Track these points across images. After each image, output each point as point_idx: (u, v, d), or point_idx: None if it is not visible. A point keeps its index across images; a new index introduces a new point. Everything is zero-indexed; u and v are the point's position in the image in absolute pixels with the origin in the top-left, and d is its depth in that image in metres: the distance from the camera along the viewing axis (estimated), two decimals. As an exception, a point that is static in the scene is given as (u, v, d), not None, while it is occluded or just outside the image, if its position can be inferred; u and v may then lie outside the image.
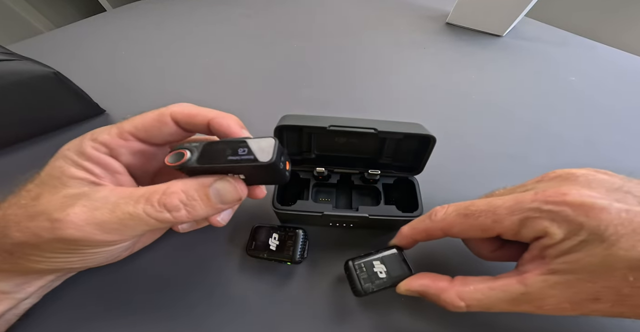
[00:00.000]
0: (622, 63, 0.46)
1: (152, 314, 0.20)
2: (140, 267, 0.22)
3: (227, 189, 0.16)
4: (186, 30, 0.53)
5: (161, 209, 0.14)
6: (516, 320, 0.20)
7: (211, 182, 0.15)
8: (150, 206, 0.14)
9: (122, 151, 0.17)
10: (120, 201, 0.14)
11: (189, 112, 0.17)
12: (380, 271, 0.20)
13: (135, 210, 0.14)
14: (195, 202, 0.15)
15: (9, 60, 0.28)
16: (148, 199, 0.14)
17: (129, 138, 0.17)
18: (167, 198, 0.14)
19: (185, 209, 0.15)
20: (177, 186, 0.15)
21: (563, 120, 0.36)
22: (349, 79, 0.42)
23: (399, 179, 0.24)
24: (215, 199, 0.15)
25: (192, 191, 0.15)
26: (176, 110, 0.17)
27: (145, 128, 0.17)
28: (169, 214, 0.15)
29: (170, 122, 0.17)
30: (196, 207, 0.15)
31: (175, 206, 0.15)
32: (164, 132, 0.17)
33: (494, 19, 0.50)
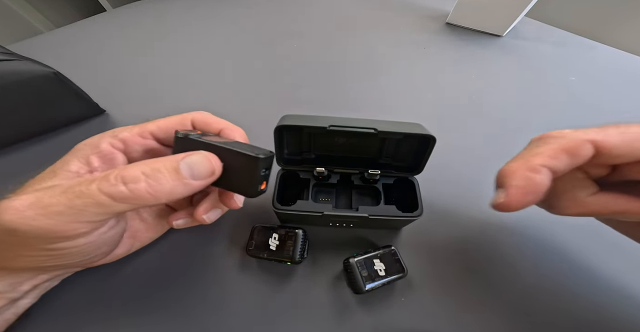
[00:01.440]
0: (622, 63, 0.46)
1: (152, 314, 0.20)
2: (139, 267, 0.22)
3: (199, 161, 0.14)
4: (186, 30, 0.53)
5: (115, 182, 0.12)
6: (517, 320, 0.20)
7: (182, 157, 0.14)
8: (105, 181, 0.12)
9: (137, 148, 0.17)
10: (75, 182, 0.13)
11: (206, 120, 0.19)
12: (380, 268, 0.20)
13: (88, 187, 0.12)
14: (161, 174, 0.13)
15: (9, 60, 0.28)
16: (106, 175, 0.13)
17: (148, 136, 0.18)
18: (126, 170, 0.13)
19: (146, 181, 0.13)
20: (142, 162, 0.14)
21: (563, 120, 0.36)
22: (349, 79, 0.42)
23: (399, 179, 0.24)
24: (185, 172, 0.14)
25: (159, 164, 0.14)
26: (196, 117, 0.19)
27: (167, 129, 0.18)
28: (124, 186, 0.12)
29: (190, 126, 0.19)
30: (161, 180, 0.13)
31: (134, 177, 0.13)
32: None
33: (494, 19, 0.50)
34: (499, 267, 0.23)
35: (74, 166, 0.15)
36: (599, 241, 0.24)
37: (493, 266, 0.23)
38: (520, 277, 0.22)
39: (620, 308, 0.21)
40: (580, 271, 0.22)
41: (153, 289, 0.21)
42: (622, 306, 0.21)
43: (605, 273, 0.22)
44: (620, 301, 0.21)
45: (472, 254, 0.24)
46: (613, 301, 0.21)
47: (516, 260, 0.23)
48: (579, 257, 0.23)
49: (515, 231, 0.25)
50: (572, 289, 0.22)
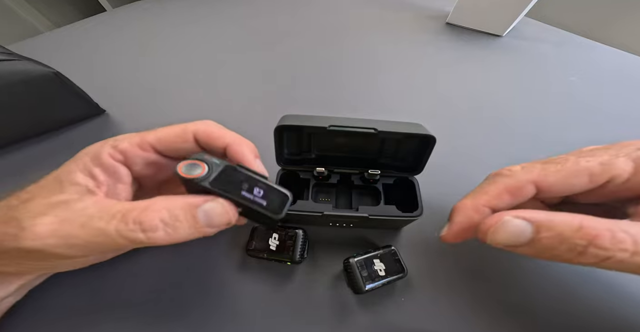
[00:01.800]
0: (622, 63, 0.46)
1: (151, 314, 0.20)
2: (138, 267, 0.22)
3: (218, 212, 0.14)
4: (186, 30, 0.53)
5: (134, 228, 0.13)
6: (517, 320, 0.20)
7: (201, 203, 0.14)
8: (123, 224, 0.13)
9: (138, 161, 0.17)
10: (96, 214, 0.13)
11: (210, 133, 0.17)
12: (380, 268, 0.20)
13: (107, 227, 0.13)
14: (179, 223, 0.13)
15: (9, 60, 0.28)
16: (125, 215, 0.13)
17: (148, 149, 0.17)
18: (146, 216, 0.13)
19: (164, 230, 0.13)
20: (160, 203, 0.14)
21: (563, 120, 0.36)
22: (349, 79, 0.42)
23: (399, 179, 0.24)
24: (202, 220, 0.14)
25: (178, 210, 0.13)
26: (199, 128, 0.17)
27: (167, 142, 0.17)
28: (143, 234, 0.13)
29: (192, 140, 0.17)
30: (179, 229, 0.13)
31: (153, 226, 0.13)
32: (182, 148, 0.17)
33: (494, 19, 0.50)
34: (499, 267, 0.23)
35: (80, 179, 0.14)
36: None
37: (493, 266, 0.23)
38: (520, 277, 0.22)
39: (621, 308, 0.21)
40: (582, 271, 0.22)
41: (152, 289, 0.21)
42: (624, 306, 0.21)
43: (607, 273, 0.22)
44: (622, 301, 0.21)
45: (472, 254, 0.24)
46: (614, 301, 0.21)
47: (516, 260, 0.23)
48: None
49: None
50: (572, 289, 0.22)
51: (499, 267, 0.23)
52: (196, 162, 0.14)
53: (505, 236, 0.14)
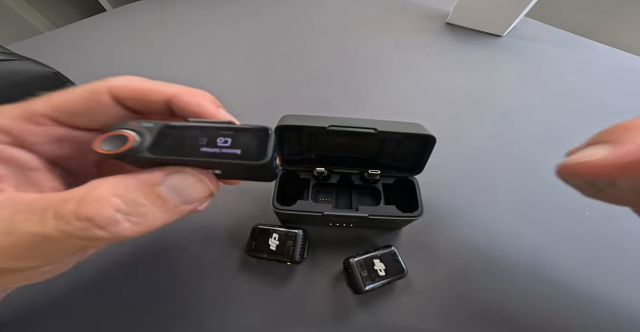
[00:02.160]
0: (622, 63, 0.46)
1: (151, 314, 0.20)
2: (138, 267, 0.22)
3: (188, 184, 0.11)
4: (186, 30, 0.53)
5: (85, 225, 0.09)
6: (516, 320, 0.20)
7: (161, 178, 0.11)
8: (64, 223, 0.09)
9: (37, 140, 0.12)
10: (17, 217, 0.09)
11: (139, 87, 0.12)
12: (380, 268, 0.20)
13: (43, 230, 0.09)
14: (144, 207, 0.10)
15: (9, 60, 0.28)
16: (57, 211, 0.09)
17: (46, 122, 0.12)
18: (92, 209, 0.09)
19: (128, 220, 0.10)
20: (103, 189, 0.10)
21: (563, 120, 0.36)
22: (349, 79, 0.42)
23: (399, 179, 0.24)
24: (174, 200, 0.11)
25: (134, 193, 0.10)
26: (118, 84, 0.12)
27: (70, 110, 0.12)
28: (101, 230, 0.09)
29: (108, 101, 0.12)
30: (147, 215, 0.10)
31: (109, 219, 0.09)
32: (100, 114, 0.13)
33: (494, 19, 0.50)
34: (499, 267, 0.23)
35: None
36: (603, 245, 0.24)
37: (493, 266, 0.23)
38: (520, 277, 0.22)
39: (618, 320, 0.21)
40: (583, 272, 0.22)
41: (152, 288, 0.21)
42: (621, 317, 0.21)
43: (607, 279, 0.22)
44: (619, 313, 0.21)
45: (472, 254, 0.24)
46: (611, 308, 0.21)
47: (516, 260, 0.23)
48: (581, 259, 0.23)
49: (516, 232, 0.25)
50: (572, 290, 0.22)
51: (499, 268, 0.23)
52: (117, 133, 0.11)
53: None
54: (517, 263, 0.23)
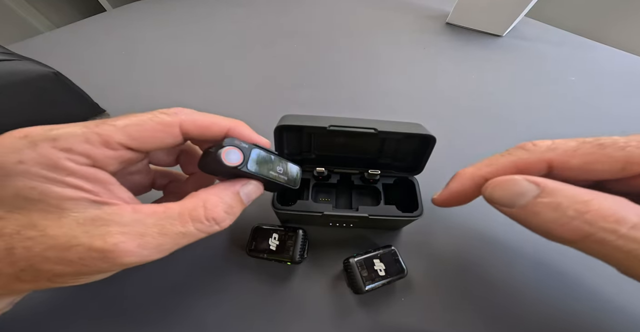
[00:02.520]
0: (622, 63, 0.46)
1: (151, 314, 0.20)
2: (138, 266, 0.22)
3: (253, 191, 0.17)
4: (186, 30, 0.53)
5: (212, 223, 0.15)
6: (516, 320, 0.20)
7: (239, 188, 0.16)
8: (199, 223, 0.15)
9: (110, 162, 0.14)
10: (163, 223, 0.14)
11: (202, 123, 0.16)
12: (380, 268, 0.20)
13: (187, 229, 0.14)
14: (235, 209, 0.16)
15: (9, 60, 0.28)
16: (193, 216, 0.14)
17: (118, 148, 0.14)
18: (213, 212, 0.15)
19: (229, 218, 0.16)
20: (214, 199, 0.15)
21: (563, 120, 0.36)
22: (349, 79, 0.42)
23: (399, 179, 0.24)
24: (246, 202, 0.16)
25: (229, 199, 0.15)
26: (186, 120, 0.15)
27: (143, 138, 0.14)
28: (218, 226, 0.15)
29: (178, 134, 0.15)
30: (236, 214, 0.16)
31: (223, 218, 0.15)
32: (164, 143, 0.15)
33: (494, 19, 0.50)
34: (499, 267, 0.23)
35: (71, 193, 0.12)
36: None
37: (493, 267, 0.23)
38: (520, 277, 0.22)
39: (620, 320, 0.21)
40: (583, 273, 0.22)
41: (152, 289, 0.21)
42: (623, 317, 0.21)
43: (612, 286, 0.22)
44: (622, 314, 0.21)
45: (472, 254, 0.24)
46: (615, 311, 0.21)
47: (516, 260, 0.23)
48: (581, 260, 0.23)
49: (516, 231, 0.25)
50: (572, 291, 0.22)
51: (499, 268, 0.23)
52: (234, 149, 0.15)
53: (503, 193, 0.14)
54: (517, 263, 0.23)
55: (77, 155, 0.13)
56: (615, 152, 0.13)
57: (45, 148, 0.13)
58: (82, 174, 0.13)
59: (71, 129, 0.13)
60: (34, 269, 0.12)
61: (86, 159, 0.13)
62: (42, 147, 0.13)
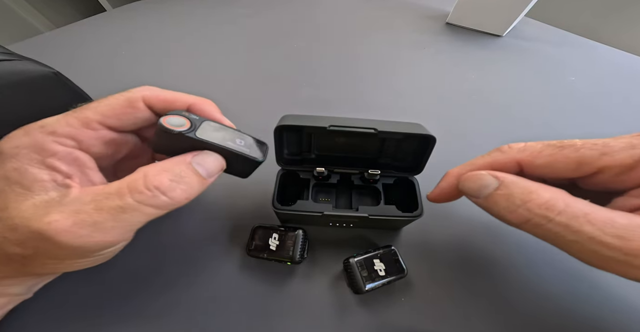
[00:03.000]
0: (622, 63, 0.46)
1: (151, 314, 0.20)
2: (138, 266, 0.22)
3: (209, 160, 0.15)
4: (186, 30, 0.53)
5: (155, 193, 0.13)
6: (516, 320, 0.20)
7: (190, 158, 0.15)
8: (138, 194, 0.13)
9: (93, 142, 0.15)
10: (99, 198, 0.13)
11: (165, 97, 0.16)
12: (380, 268, 0.20)
13: (125, 202, 0.13)
14: (187, 178, 0.14)
15: (9, 60, 0.27)
16: (131, 187, 0.13)
17: (98, 127, 0.15)
18: (155, 180, 0.13)
19: (179, 188, 0.14)
20: (155, 168, 0.14)
21: (563, 120, 0.36)
22: (349, 79, 0.42)
23: (399, 179, 0.24)
24: (202, 173, 0.15)
25: (177, 169, 0.14)
26: (148, 94, 0.16)
27: (115, 115, 0.15)
28: (165, 196, 0.14)
29: (143, 107, 0.16)
30: (191, 183, 0.14)
31: (168, 186, 0.14)
32: (137, 118, 0.16)
33: (494, 19, 0.50)
34: (500, 267, 0.23)
35: (42, 174, 0.13)
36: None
37: (493, 266, 0.23)
38: (520, 277, 0.22)
39: (622, 316, 0.21)
40: (584, 274, 0.22)
41: (152, 288, 0.21)
42: (624, 313, 0.21)
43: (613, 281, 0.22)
44: (623, 308, 0.21)
45: (473, 254, 0.24)
46: (616, 307, 0.21)
47: (517, 260, 0.23)
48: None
49: (516, 232, 0.25)
50: (573, 292, 0.22)
51: (499, 268, 0.23)
52: (179, 116, 0.14)
53: (472, 186, 0.16)
54: (518, 263, 0.23)
55: (62, 138, 0.14)
56: (570, 154, 0.15)
57: (35, 134, 0.14)
58: (63, 156, 0.14)
59: (55, 117, 0.15)
60: (3, 251, 0.13)
61: (71, 141, 0.14)
62: (33, 133, 0.14)
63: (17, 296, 0.16)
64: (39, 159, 0.13)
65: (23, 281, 0.16)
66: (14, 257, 0.13)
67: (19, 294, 0.16)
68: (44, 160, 0.14)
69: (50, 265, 0.14)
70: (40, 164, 0.13)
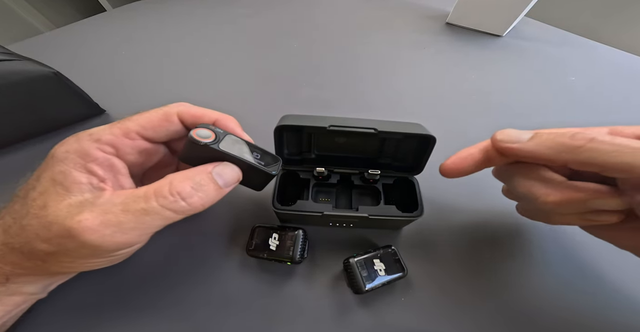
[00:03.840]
0: (622, 63, 0.46)
1: (151, 314, 0.20)
2: (139, 267, 0.22)
3: (227, 171, 0.17)
4: (186, 30, 0.53)
5: (176, 198, 0.15)
6: (517, 321, 0.20)
7: (212, 168, 0.16)
8: (162, 198, 0.14)
9: (129, 150, 0.17)
10: (128, 200, 0.14)
11: (195, 113, 0.18)
12: (380, 268, 0.20)
13: (149, 205, 0.14)
14: (206, 186, 0.16)
15: (9, 60, 0.28)
16: (157, 192, 0.15)
17: (136, 137, 0.17)
18: (178, 186, 0.15)
19: (197, 195, 0.15)
20: (180, 176, 0.15)
21: (563, 120, 0.36)
22: (349, 79, 0.42)
23: (399, 179, 0.24)
24: (220, 182, 0.16)
25: (198, 177, 0.16)
26: (182, 110, 0.18)
27: (152, 127, 0.17)
28: (184, 202, 0.15)
29: (177, 121, 0.18)
30: (207, 192, 0.16)
31: (188, 193, 0.15)
32: (170, 131, 0.18)
33: (494, 19, 0.50)
34: (499, 267, 0.23)
35: (82, 177, 0.15)
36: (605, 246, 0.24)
37: (493, 266, 0.23)
38: (520, 277, 0.22)
39: (625, 314, 0.21)
40: (584, 274, 0.22)
41: (152, 289, 0.21)
42: (628, 312, 0.21)
43: (613, 278, 0.22)
44: (627, 307, 0.21)
45: (472, 254, 0.24)
46: (618, 307, 0.21)
47: (516, 260, 0.23)
48: (582, 261, 0.23)
49: (516, 232, 0.25)
50: (573, 292, 0.22)
51: (499, 268, 0.23)
52: (206, 129, 0.16)
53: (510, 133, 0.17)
54: (518, 262, 0.23)
55: (104, 145, 0.16)
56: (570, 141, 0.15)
57: (84, 140, 0.16)
58: (102, 161, 0.16)
59: (103, 126, 0.17)
60: (30, 246, 0.14)
61: (111, 148, 0.16)
62: (82, 140, 0.16)
63: (32, 295, 0.17)
64: (82, 164, 0.15)
65: (39, 279, 0.17)
66: (38, 254, 0.14)
67: (34, 293, 0.17)
68: (85, 164, 0.15)
69: (66, 264, 0.15)
70: (82, 168, 0.15)
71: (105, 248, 0.14)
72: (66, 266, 0.15)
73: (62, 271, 0.16)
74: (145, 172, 0.21)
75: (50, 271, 0.16)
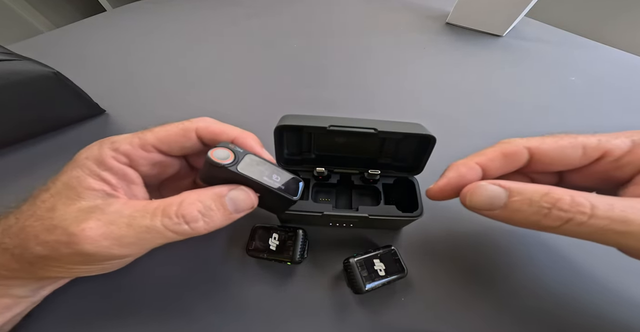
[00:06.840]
0: (622, 63, 0.46)
1: (151, 314, 0.20)
2: (139, 267, 0.22)
3: (242, 198, 0.16)
4: (186, 30, 0.53)
5: (179, 221, 0.14)
6: (517, 321, 0.20)
7: (227, 192, 0.16)
8: (167, 219, 0.14)
9: (143, 162, 0.17)
10: (136, 214, 0.14)
11: (214, 130, 0.18)
12: (380, 268, 0.20)
13: (153, 223, 0.14)
14: (213, 212, 0.15)
15: (9, 60, 0.28)
16: (165, 211, 0.14)
17: (151, 150, 0.17)
18: (185, 209, 0.14)
19: (203, 220, 0.15)
20: (192, 196, 0.15)
21: (563, 120, 0.36)
22: (349, 79, 0.42)
23: (399, 179, 0.24)
24: (230, 207, 0.16)
25: (209, 201, 0.15)
26: (201, 126, 0.17)
27: (169, 141, 0.17)
28: (187, 225, 0.14)
29: (194, 138, 0.17)
30: (214, 218, 0.15)
31: (194, 217, 0.14)
32: (185, 146, 0.18)
33: (494, 19, 0.50)
34: (499, 267, 0.23)
35: (95, 184, 0.15)
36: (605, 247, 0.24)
37: (493, 266, 0.23)
38: (520, 277, 0.22)
39: (621, 312, 0.21)
40: (583, 273, 0.22)
41: (152, 289, 0.21)
42: (623, 310, 0.21)
43: (610, 277, 0.22)
44: (622, 305, 0.21)
45: (473, 254, 0.24)
46: (614, 304, 0.21)
47: (516, 260, 0.23)
48: (582, 259, 0.23)
49: (516, 232, 0.25)
50: (573, 291, 0.22)
51: (499, 268, 0.23)
52: (225, 149, 0.15)
53: (481, 199, 0.15)
54: (518, 262, 0.23)
55: (120, 155, 0.16)
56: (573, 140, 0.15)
57: (105, 148, 0.16)
58: (116, 170, 0.16)
59: (125, 135, 0.17)
60: (23, 248, 0.14)
61: (126, 158, 0.16)
62: (103, 147, 0.16)
63: (22, 298, 0.17)
64: (97, 171, 0.15)
65: (26, 282, 0.16)
66: (28, 256, 0.14)
67: (23, 296, 0.17)
68: (100, 172, 0.15)
69: (55, 268, 0.15)
70: (97, 175, 0.15)
71: (98, 257, 0.14)
72: (54, 270, 0.15)
73: (49, 275, 0.15)
74: (162, 182, 0.20)
75: (37, 275, 0.15)
